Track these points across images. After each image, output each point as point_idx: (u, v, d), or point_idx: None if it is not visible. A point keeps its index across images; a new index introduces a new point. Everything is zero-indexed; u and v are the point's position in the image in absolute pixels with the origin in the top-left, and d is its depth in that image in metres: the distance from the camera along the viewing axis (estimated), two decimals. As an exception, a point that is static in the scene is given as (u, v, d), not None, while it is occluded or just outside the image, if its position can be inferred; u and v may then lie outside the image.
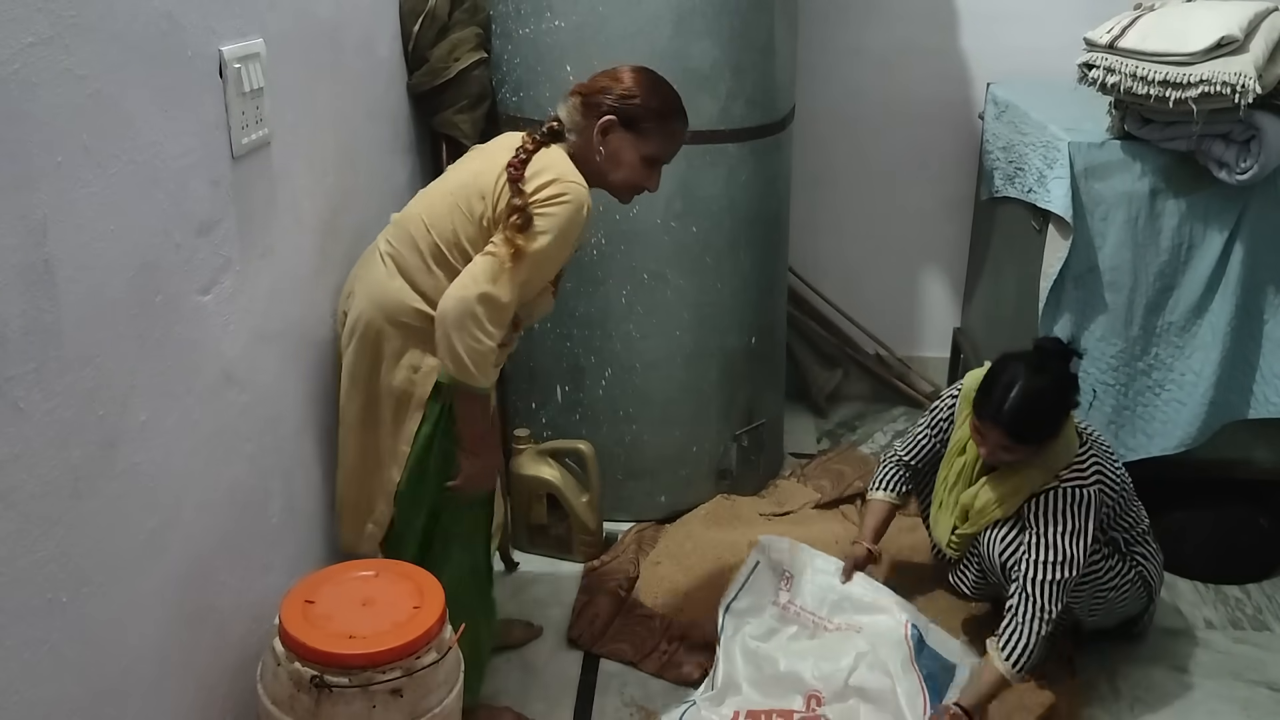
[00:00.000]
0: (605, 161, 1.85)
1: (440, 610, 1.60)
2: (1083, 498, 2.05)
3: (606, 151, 1.84)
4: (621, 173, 1.86)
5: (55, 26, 1.13)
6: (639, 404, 2.70)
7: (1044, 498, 2.07)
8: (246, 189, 1.60)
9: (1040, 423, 2.05)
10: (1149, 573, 2.23)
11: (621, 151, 1.84)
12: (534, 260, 1.75)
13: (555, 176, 1.76)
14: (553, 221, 1.75)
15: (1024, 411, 2.01)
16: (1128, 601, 2.22)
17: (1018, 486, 2.11)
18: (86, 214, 1.20)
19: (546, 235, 1.74)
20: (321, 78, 1.90)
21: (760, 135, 2.63)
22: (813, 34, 3.16)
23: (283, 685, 1.53)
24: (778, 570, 2.31)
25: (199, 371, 1.48)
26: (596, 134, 1.83)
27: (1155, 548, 2.27)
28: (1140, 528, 2.24)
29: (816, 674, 2.12)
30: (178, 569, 1.44)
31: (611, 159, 1.85)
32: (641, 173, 1.87)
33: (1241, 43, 2.20)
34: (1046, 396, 2.04)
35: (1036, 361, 2.07)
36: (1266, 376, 2.53)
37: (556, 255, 1.80)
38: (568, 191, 1.76)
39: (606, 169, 1.86)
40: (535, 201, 1.74)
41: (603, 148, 1.84)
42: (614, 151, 1.84)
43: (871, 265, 3.50)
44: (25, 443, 1.11)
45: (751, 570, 2.30)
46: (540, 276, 1.82)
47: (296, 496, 1.84)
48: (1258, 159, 2.27)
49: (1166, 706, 2.22)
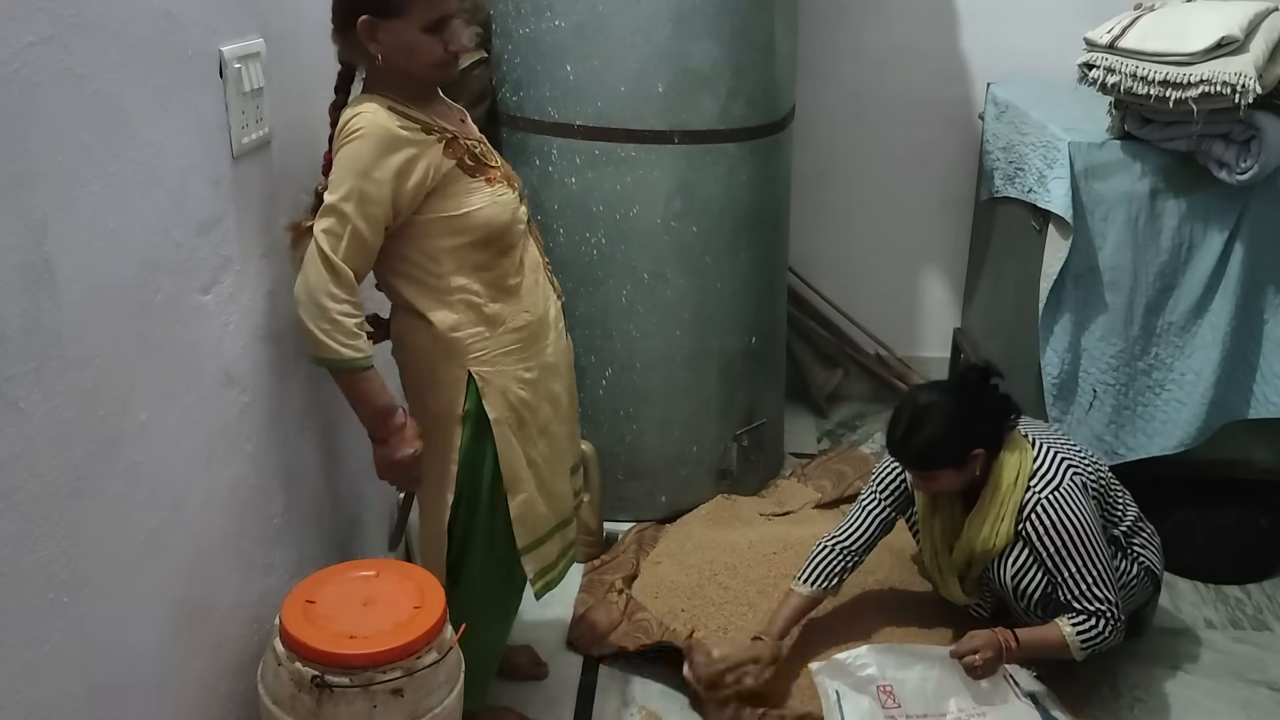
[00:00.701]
0: (395, 60, 1.65)
1: (441, 610, 1.60)
2: (1065, 496, 2.05)
3: (386, 52, 1.64)
4: (418, 58, 1.66)
5: (55, 26, 1.12)
6: (639, 404, 2.70)
7: (1035, 517, 2.05)
8: (247, 188, 1.60)
9: (937, 442, 2.03)
10: (1151, 562, 2.23)
11: (397, 41, 1.64)
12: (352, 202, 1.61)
13: (339, 127, 1.65)
14: (343, 159, 1.62)
15: (916, 431, 2.03)
16: (1135, 595, 2.23)
17: (999, 513, 2.08)
18: (87, 213, 1.20)
19: (342, 176, 1.61)
20: (322, 77, 1.90)
21: (760, 135, 2.63)
22: (813, 34, 3.16)
23: (284, 685, 1.53)
24: (868, 687, 2.05)
25: (199, 371, 1.48)
26: (364, 42, 1.64)
27: (1150, 530, 2.26)
28: (1130, 519, 2.23)
29: None
30: (178, 569, 1.44)
31: (397, 54, 1.65)
32: (431, 45, 1.65)
33: (1241, 43, 2.20)
34: (940, 417, 2.02)
35: (940, 389, 2.10)
36: (1266, 376, 2.53)
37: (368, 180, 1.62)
38: (349, 125, 1.62)
39: (403, 65, 1.66)
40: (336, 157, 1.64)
41: (380, 53, 1.64)
42: (392, 46, 1.64)
43: (871, 265, 3.50)
44: (26, 442, 1.11)
45: (838, 700, 2.04)
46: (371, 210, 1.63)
47: (297, 496, 1.84)
48: (1258, 159, 2.27)
49: (1167, 706, 2.22)
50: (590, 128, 2.49)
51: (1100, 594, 2.02)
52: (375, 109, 1.64)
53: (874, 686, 2.05)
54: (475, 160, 1.74)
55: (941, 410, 2.04)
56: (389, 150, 1.63)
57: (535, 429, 1.85)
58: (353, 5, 1.63)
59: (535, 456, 1.86)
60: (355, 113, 1.64)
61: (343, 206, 1.61)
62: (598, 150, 2.51)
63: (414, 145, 1.66)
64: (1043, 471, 2.08)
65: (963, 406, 2.07)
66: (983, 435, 2.07)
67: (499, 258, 1.77)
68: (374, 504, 2.28)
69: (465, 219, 1.71)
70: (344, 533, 2.08)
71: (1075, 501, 2.04)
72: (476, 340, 1.77)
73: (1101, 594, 2.03)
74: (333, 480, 2.00)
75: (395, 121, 1.64)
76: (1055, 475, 2.07)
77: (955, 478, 2.07)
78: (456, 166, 1.71)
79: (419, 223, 1.70)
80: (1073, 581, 2.03)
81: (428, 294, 1.75)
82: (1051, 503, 2.04)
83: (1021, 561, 2.10)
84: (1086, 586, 2.03)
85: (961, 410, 2.06)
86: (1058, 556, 2.03)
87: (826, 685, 2.07)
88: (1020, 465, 2.08)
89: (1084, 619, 2.02)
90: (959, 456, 2.04)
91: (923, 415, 2.04)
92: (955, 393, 2.11)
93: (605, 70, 2.44)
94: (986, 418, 2.09)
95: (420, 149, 1.66)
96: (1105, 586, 2.03)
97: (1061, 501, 2.04)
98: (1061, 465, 2.08)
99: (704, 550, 2.61)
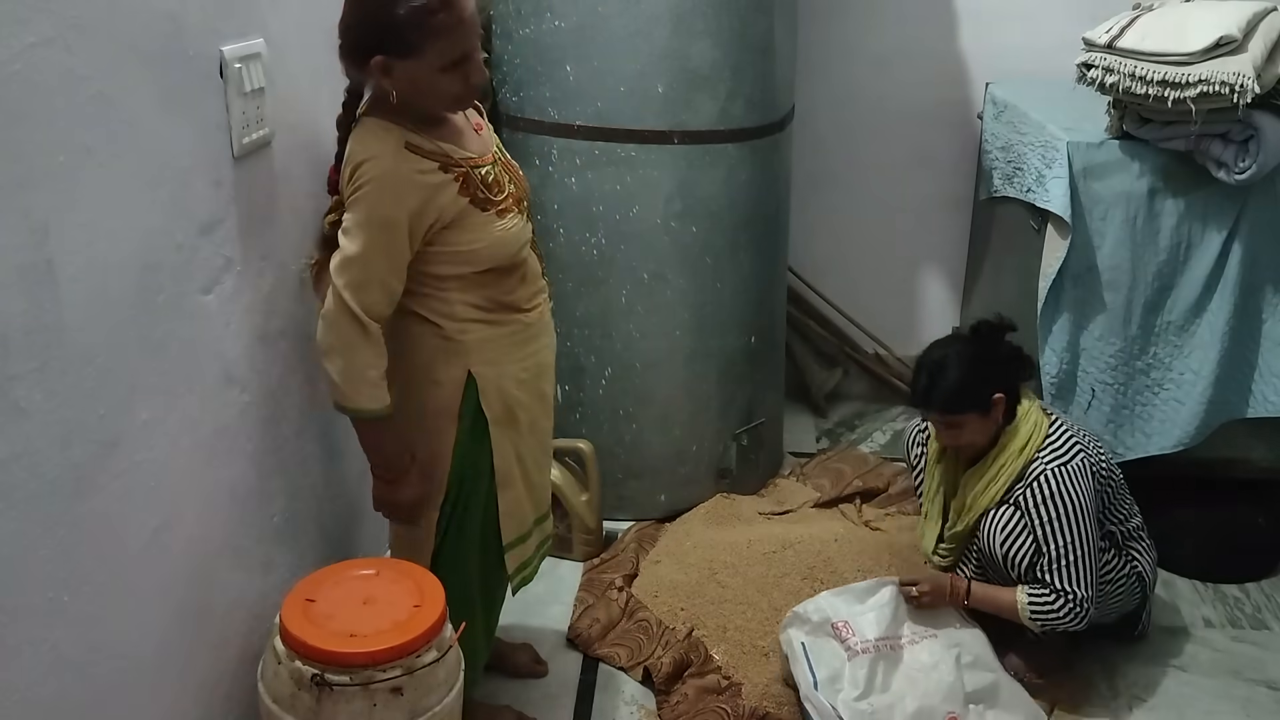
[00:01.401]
0: (410, 98, 1.60)
1: (441, 609, 1.61)
2: (1071, 473, 2.08)
3: (401, 91, 1.58)
4: (434, 96, 1.62)
5: (57, 27, 1.13)
6: (639, 403, 2.70)
7: (1036, 485, 2.09)
8: (248, 189, 1.60)
9: (959, 385, 2.11)
10: (1144, 569, 2.24)
11: (414, 80, 1.59)
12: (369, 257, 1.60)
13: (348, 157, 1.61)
14: (359, 210, 1.60)
15: (938, 378, 2.11)
16: (1122, 597, 2.22)
17: (996, 473, 2.15)
18: (88, 214, 1.20)
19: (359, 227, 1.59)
20: (322, 78, 1.90)
21: (760, 135, 2.63)
22: (812, 34, 3.16)
23: (284, 684, 1.54)
24: (825, 628, 2.13)
25: (200, 371, 1.48)
26: (380, 80, 1.59)
27: (1149, 544, 2.28)
28: (1133, 523, 2.25)
29: (940, 697, 2.02)
30: (179, 568, 1.44)
31: (412, 92, 1.60)
32: (448, 84, 1.61)
33: (1240, 42, 2.20)
34: (959, 360, 2.12)
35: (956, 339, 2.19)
36: (1265, 375, 2.53)
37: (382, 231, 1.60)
38: (359, 173, 1.59)
39: (418, 102, 1.62)
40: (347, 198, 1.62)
41: (394, 89, 1.58)
42: (407, 85, 1.59)
43: (871, 265, 3.50)
44: (27, 442, 1.12)
45: (804, 649, 2.11)
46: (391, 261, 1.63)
47: (297, 496, 1.84)
48: (1256, 158, 2.27)
49: (1166, 705, 2.23)
50: (590, 128, 2.49)
51: (1074, 576, 2.05)
52: (385, 150, 1.60)
53: (829, 625, 2.13)
54: (487, 191, 1.71)
55: (960, 355, 2.15)
56: (403, 197, 1.61)
57: (526, 426, 1.87)
58: (366, 43, 1.58)
59: (524, 452, 1.88)
60: (367, 156, 1.59)
61: (366, 258, 1.60)
62: (597, 151, 2.51)
63: (427, 189, 1.63)
64: (1054, 444, 2.13)
65: (979, 352, 2.15)
66: (1001, 379, 2.14)
67: (503, 278, 1.78)
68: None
69: (473, 253, 1.71)
70: (344, 532, 2.08)
71: (1078, 481, 2.08)
72: (478, 342, 1.77)
73: (1075, 577, 2.05)
74: (333, 480, 2.01)
75: (407, 164, 1.61)
76: (1066, 451, 2.11)
77: (980, 425, 2.13)
78: (470, 204, 1.69)
79: (426, 253, 1.69)
80: (1054, 556, 2.07)
81: (431, 305, 1.75)
82: (1055, 475, 2.08)
83: (1011, 526, 2.13)
84: (1064, 565, 2.06)
85: (978, 356, 2.15)
86: (1048, 528, 2.07)
87: (791, 639, 2.15)
88: (1033, 434, 2.14)
89: (1044, 592, 2.07)
90: (981, 400, 2.11)
91: (943, 362, 2.14)
92: (970, 340, 2.20)
93: (605, 71, 2.44)
94: (1002, 363, 2.17)
95: (434, 192, 1.64)
96: (1081, 572, 2.06)
97: (1066, 477, 2.08)
98: (1073, 445, 2.13)
99: (703, 549, 2.61)
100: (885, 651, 2.09)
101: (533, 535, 1.97)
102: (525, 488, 1.91)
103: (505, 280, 1.77)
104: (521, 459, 1.88)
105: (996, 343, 2.17)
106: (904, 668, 2.08)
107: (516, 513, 1.90)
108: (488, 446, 1.82)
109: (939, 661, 2.07)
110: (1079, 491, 2.07)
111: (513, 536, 1.91)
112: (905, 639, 2.12)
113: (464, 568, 1.89)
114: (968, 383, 2.12)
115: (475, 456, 1.83)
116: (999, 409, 2.13)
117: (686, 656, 2.27)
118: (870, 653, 2.08)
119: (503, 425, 1.82)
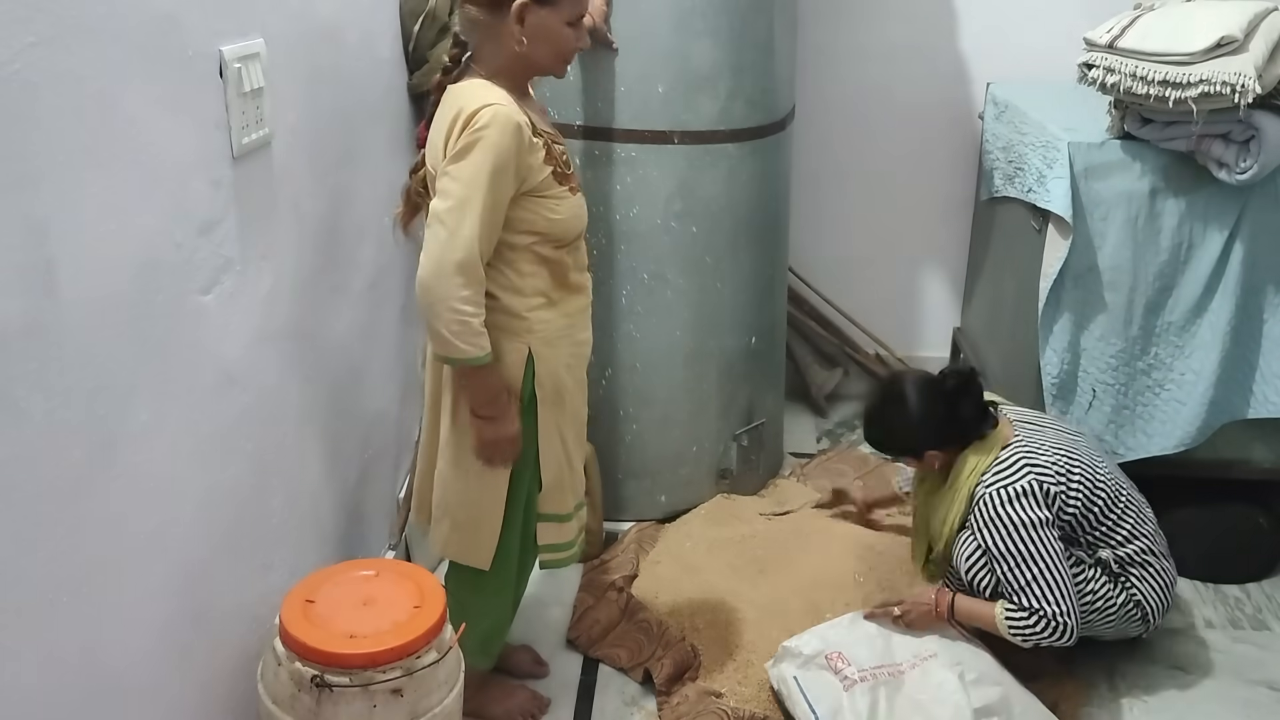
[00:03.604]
0: (530, 48, 1.71)
1: (441, 610, 1.61)
2: (1013, 494, 2.07)
3: (530, 38, 1.70)
4: (550, 48, 1.74)
5: (56, 27, 1.13)
6: (639, 404, 2.70)
7: (979, 508, 2.11)
8: (247, 189, 1.60)
9: (885, 438, 2.21)
10: (1144, 596, 2.16)
11: (544, 28, 1.71)
12: (478, 206, 1.66)
13: (458, 109, 1.67)
14: (475, 155, 1.65)
15: (872, 425, 2.22)
16: (1114, 623, 2.18)
17: (953, 498, 2.17)
18: (87, 214, 1.20)
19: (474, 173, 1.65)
20: (322, 78, 1.90)
21: (760, 135, 2.63)
22: (812, 34, 3.16)
23: (283, 685, 1.53)
24: (818, 660, 2.10)
25: (199, 371, 1.48)
26: (513, 25, 1.69)
27: (1160, 568, 2.19)
28: (1133, 547, 2.16)
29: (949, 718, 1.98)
30: (178, 569, 1.44)
31: (536, 41, 1.71)
32: (570, 39, 1.76)
33: (1241, 42, 2.20)
34: (892, 415, 2.17)
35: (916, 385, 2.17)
36: (1266, 376, 2.53)
37: (496, 181, 1.67)
38: (477, 119, 1.65)
39: (533, 53, 1.73)
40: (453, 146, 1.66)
41: (524, 36, 1.70)
42: (536, 33, 1.71)
43: (871, 265, 3.50)
44: (26, 443, 1.11)
45: (798, 684, 2.08)
46: (495, 214, 1.70)
47: (297, 496, 1.84)
48: (1257, 159, 2.27)
49: (1166, 706, 2.23)
50: (590, 128, 2.49)
51: (1038, 593, 2.03)
52: (501, 98, 1.67)
53: (822, 657, 2.10)
54: (564, 168, 1.80)
55: (905, 407, 2.15)
56: (518, 145, 1.67)
57: (570, 411, 1.93)
58: None
59: (567, 435, 1.93)
60: (486, 102, 1.65)
61: (475, 204, 1.65)
62: (597, 150, 2.51)
63: (530, 145, 1.70)
64: (999, 467, 2.12)
65: (928, 408, 2.14)
66: (942, 439, 2.16)
67: (566, 256, 1.85)
68: (374, 504, 2.28)
69: (550, 224, 1.78)
70: (344, 533, 2.08)
71: (1020, 500, 2.07)
72: (540, 322, 1.82)
73: (1039, 593, 2.03)
74: (333, 480, 2.01)
75: (519, 115, 1.68)
76: (1010, 473, 2.10)
77: (914, 463, 2.21)
78: (551, 174, 1.76)
79: (510, 218, 1.75)
80: (1010, 576, 2.06)
81: (501, 280, 1.79)
82: (995, 496, 2.08)
83: (971, 550, 2.14)
84: (1025, 584, 2.04)
85: (925, 412, 2.14)
86: (997, 550, 2.07)
87: (783, 673, 2.13)
88: (979, 463, 2.14)
89: (1017, 610, 2.05)
90: (912, 453, 2.19)
91: (885, 405, 2.18)
92: (926, 393, 2.16)
93: (605, 71, 2.44)
94: (950, 424, 2.15)
95: (532, 150, 1.71)
96: (1048, 589, 2.02)
97: (1007, 498, 2.07)
98: (1020, 467, 2.10)
99: (703, 550, 2.61)
100: (885, 679, 2.05)
101: (573, 520, 2.01)
102: (568, 470, 1.96)
103: (566, 259, 1.84)
104: (565, 441, 1.93)
105: (956, 400, 2.14)
106: (907, 693, 2.03)
107: (557, 491, 1.95)
108: (534, 425, 1.87)
109: (942, 682, 2.02)
110: (1021, 509, 2.05)
111: (551, 510, 1.96)
112: (904, 665, 2.08)
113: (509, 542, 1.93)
114: (897, 436, 2.20)
115: (528, 432, 1.87)
116: (933, 461, 2.17)
117: (687, 657, 2.27)
118: (869, 680, 2.04)
119: (550, 406, 1.88)
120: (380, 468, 2.32)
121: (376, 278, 2.24)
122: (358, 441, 2.16)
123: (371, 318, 2.22)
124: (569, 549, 2.02)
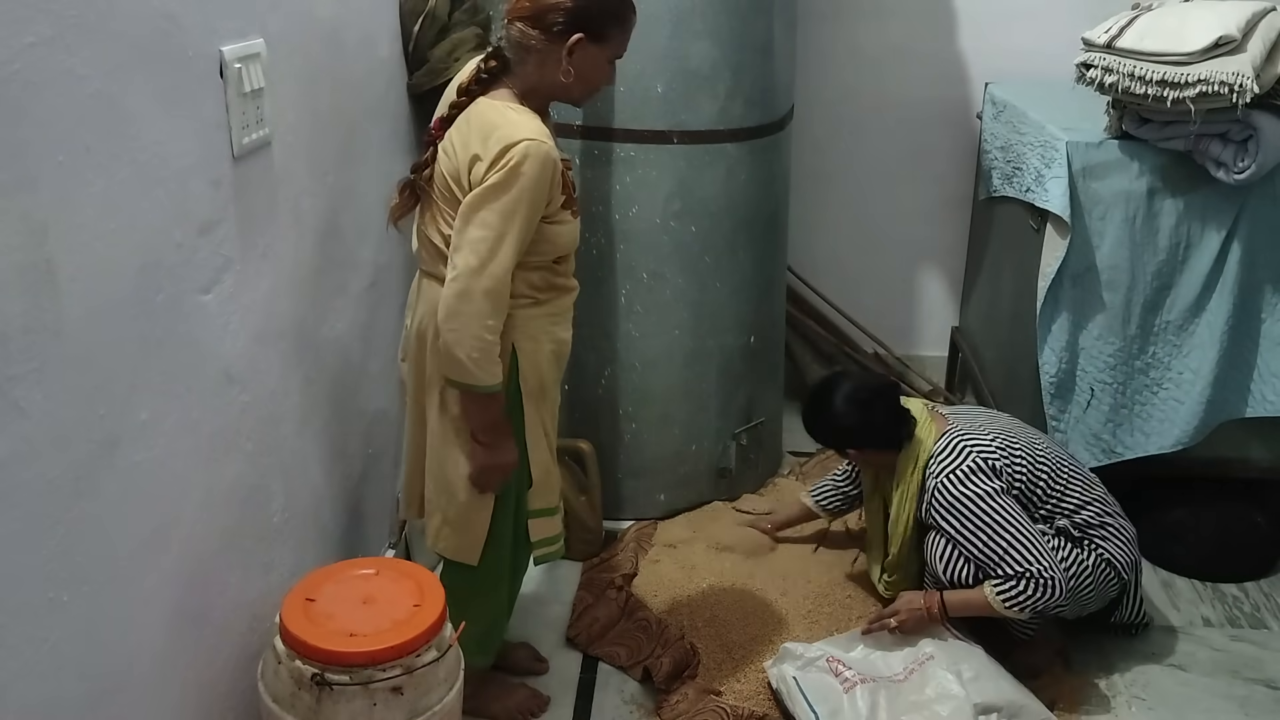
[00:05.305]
0: (573, 79, 1.77)
1: (440, 608, 1.61)
2: (962, 475, 2.12)
3: (576, 70, 1.76)
4: (587, 83, 1.81)
5: (57, 27, 1.13)
6: (638, 403, 2.71)
7: (934, 499, 2.15)
8: (247, 189, 1.60)
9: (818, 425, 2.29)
10: (1111, 553, 2.18)
11: (589, 63, 1.77)
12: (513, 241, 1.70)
13: (494, 131, 1.69)
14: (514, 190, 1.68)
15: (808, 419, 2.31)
16: (1094, 587, 2.18)
17: (904, 491, 2.23)
18: (88, 214, 1.20)
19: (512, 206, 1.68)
20: (322, 78, 1.90)
21: (759, 135, 2.63)
22: (812, 34, 3.16)
23: (284, 683, 1.54)
24: (818, 663, 2.13)
25: (200, 371, 1.48)
26: (563, 55, 1.74)
27: (1117, 527, 2.22)
28: (1084, 514, 2.20)
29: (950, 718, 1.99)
30: (178, 568, 1.44)
31: (580, 74, 1.77)
32: (607, 76, 1.84)
33: (1239, 42, 2.20)
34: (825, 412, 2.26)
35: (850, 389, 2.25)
36: (1264, 375, 2.54)
37: (530, 216, 1.72)
38: (517, 153, 1.67)
39: (569, 84, 1.78)
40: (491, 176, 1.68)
41: (571, 67, 1.75)
42: (581, 65, 1.76)
43: (870, 264, 3.51)
44: (26, 442, 1.12)
45: (797, 684, 2.09)
46: (524, 246, 1.74)
47: (297, 495, 1.84)
48: (1255, 158, 2.28)
49: (1164, 704, 2.23)
50: (589, 128, 2.49)
51: (1016, 557, 2.06)
52: (542, 133, 1.71)
53: (823, 660, 2.13)
54: (572, 192, 1.85)
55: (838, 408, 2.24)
56: (551, 181, 1.72)
57: (550, 402, 1.95)
58: (575, 22, 1.73)
59: (550, 430, 1.96)
60: (528, 136, 1.68)
61: (508, 238, 1.69)
62: (597, 150, 2.51)
63: (556, 184, 1.75)
64: (941, 454, 2.16)
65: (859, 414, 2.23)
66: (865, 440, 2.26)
67: (558, 265, 1.88)
68: (374, 503, 2.29)
69: (550, 242, 1.80)
70: (344, 531, 2.09)
71: (971, 478, 2.11)
72: (524, 318, 1.84)
73: (1018, 557, 2.06)
74: (333, 480, 2.01)
75: (555, 151, 1.72)
76: (952, 456, 2.15)
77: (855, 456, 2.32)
78: (561, 194, 1.79)
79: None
80: (986, 553, 2.08)
81: None
82: (947, 483, 2.13)
83: (942, 549, 2.16)
84: (1001, 554, 2.07)
85: (844, 412, 2.23)
86: (965, 532, 2.10)
87: (783, 673, 2.14)
88: (917, 456, 2.20)
89: (1003, 582, 2.07)
90: (840, 447, 2.30)
91: (819, 403, 2.27)
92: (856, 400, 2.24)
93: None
94: (872, 428, 2.24)
95: (557, 184, 1.76)
96: (1023, 550, 2.06)
97: (958, 479, 2.12)
98: (960, 447, 2.15)
99: (703, 549, 2.61)
100: (885, 683, 2.08)
101: (559, 511, 2.03)
102: (552, 464, 1.98)
103: (557, 269, 1.89)
104: (548, 435, 1.95)
105: (871, 409, 2.23)
106: (907, 696, 2.05)
107: (545, 485, 1.97)
108: (520, 421, 1.89)
109: (942, 683, 2.04)
110: (974, 485, 2.10)
111: (540, 505, 1.98)
112: (902, 673, 2.09)
113: (501, 539, 1.94)
114: (830, 434, 2.29)
115: (515, 427, 1.88)
116: (862, 456, 2.28)
117: (686, 656, 2.27)
118: (869, 682, 2.06)
119: (534, 400, 1.90)
120: (380, 467, 2.33)
121: (376, 277, 2.24)
122: (358, 441, 2.16)
123: (371, 318, 2.22)
124: (559, 540, 2.05)
